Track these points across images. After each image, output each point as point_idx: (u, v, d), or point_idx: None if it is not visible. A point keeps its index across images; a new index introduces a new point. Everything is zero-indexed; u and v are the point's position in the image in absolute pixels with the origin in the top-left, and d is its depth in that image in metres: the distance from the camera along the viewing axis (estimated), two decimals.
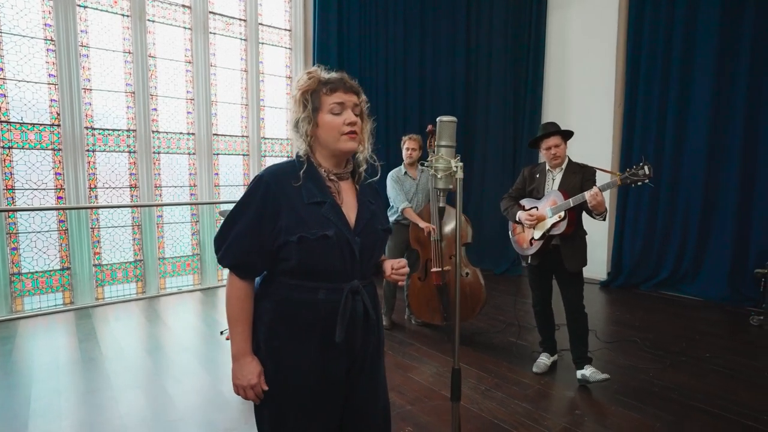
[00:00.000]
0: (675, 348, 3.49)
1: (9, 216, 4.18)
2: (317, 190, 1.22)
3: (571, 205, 2.66)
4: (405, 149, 3.79)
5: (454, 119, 1.46)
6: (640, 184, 2.57)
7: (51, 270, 4.43)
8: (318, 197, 1.21)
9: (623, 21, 5.42)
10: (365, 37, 5.77)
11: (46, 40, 4.28)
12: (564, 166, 2.88)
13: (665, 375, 3.01)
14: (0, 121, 4.11)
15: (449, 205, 3.57)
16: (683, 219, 5.04)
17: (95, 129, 4.60)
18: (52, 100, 4.34)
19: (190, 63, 5.12)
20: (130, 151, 4.80)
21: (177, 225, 5.20)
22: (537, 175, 2.97)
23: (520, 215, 2.89)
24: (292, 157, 1.31)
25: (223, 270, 5.36)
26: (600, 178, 2.87)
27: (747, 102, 4.54)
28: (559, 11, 6.03)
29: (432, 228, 3.56)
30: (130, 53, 4.73)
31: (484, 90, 6.57)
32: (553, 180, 2.89)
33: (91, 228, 4.60)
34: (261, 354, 1.25)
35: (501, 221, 5.12)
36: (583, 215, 2.79)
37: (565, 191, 2.74)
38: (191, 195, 5.24)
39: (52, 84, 4.32)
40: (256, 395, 1.24)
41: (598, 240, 5.36)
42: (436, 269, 3.61)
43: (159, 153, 4.99)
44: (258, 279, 1.29)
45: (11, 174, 4.19)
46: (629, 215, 5.43)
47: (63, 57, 4.29)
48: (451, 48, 6.50)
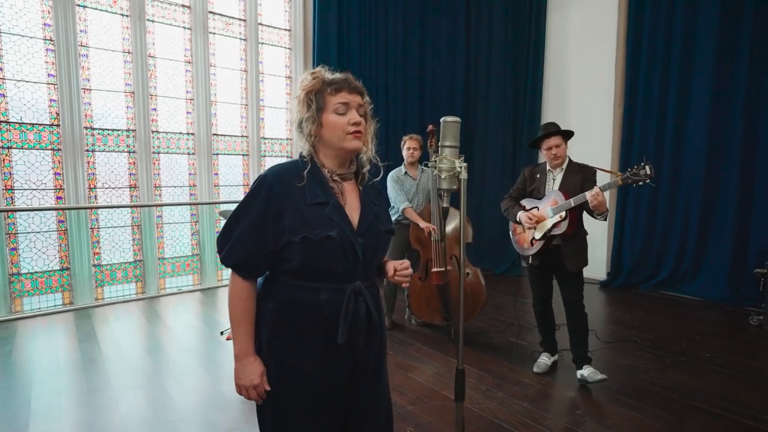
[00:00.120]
0: (675, 348, 3.50)
1: (8, 216, 4.17)
2: (320, 190, 1.22)
3: (572, 205, 2.67)
4: (406, 149, 3.79)
5: (458, 120, 1.46)
6: (641, 183, 2.57)
7: (50, 270, 4.42)
8: (321, 198, 1.21)
9: (623, 21, 5.42)
10: (365, 37, 5.77)
11: (45, 39, 4.27)
12: (564, 166, 2.88)
13: (665, 375, 3.01)
14: None
15: (451, 206, 3.57)
16: (683, 219, 5.05)
17: (95, 129, 4.60)
18: (51, 100, 4.33)
19: (189, 63, 5.11)
20: (129, 151, 4.80)
21: (177, 225, 5.20)
22: (537, 176, 2.97)
23: (520, 216, 2.90)
24: (292, 157, 1.31)
25: (223, 270, 5.37)
26: (600, 178, 2.87)
27: (746, 102, 4.55)
28: (559, 11, 6.03)
29: (432, 228, 3.56)
30: (129, 53, 4.72)
31: (483, 90, 6.57)
32: (554, 180, 2.89)
33: (91, 228, 4.60)
34: (263, 354, 1.24)
35: (501, 221, 5.13)
36: (584, 215, 2.79)
37: (566, 191, 2.75)
38: (191, 195, 5.23)
39: (51, 84, 4.31)
40: (258, 395, 1.24)
41: (597, 240, 5.37)
42: (436, 269, 3.61)
43: (158, 153, 4.99)
44: (260, 279, 1.29)
45: (10, 174, 4.19)
46: (629, 215, 5.44)
47: (62, 57, 4.28)
48: (451, 48, 6.50)
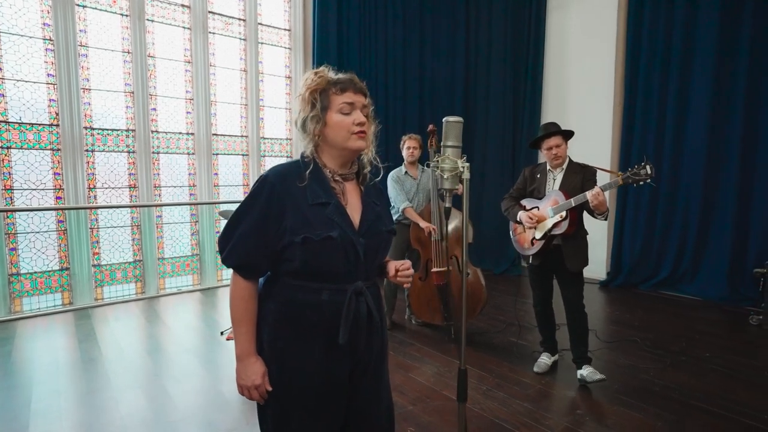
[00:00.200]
0: (675, 348, 3.50)
1: (8, 216, 4.17)
2: (322, 191, 1.22)
3: (573, 205, 2.67)
4: (406, 148, 3.79)
5: (460, 120, 1.45)
6: (641, 183, 2.58)
7: (50, 270, 4.41)
8: (323, 198, 1.21)
9: (622, 21, 5.43)
10: (365, 37, 5.76)
11: (44, 39, 4.26)
12: (565, 166, 2.89)
13: (665, 374, 3.02)
14: None
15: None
16: (682, 219, 5.05)
17: (94, 129, 4.59)
18: (50, 99, 4.32)
19: (189, 63, 5.10)
20: (129, 151, 4.79)
21: (176, 225, 5.19)
22: (538, 175, 2.97)
23: (520, 215, 2.90)
24: (291, 157, 1.31)
25: (223, 270, 5.36)
26: (601, 177, 2.87)
27: (746, 102, 4.55)
28: (559, 11, 6.04)
29: (432, 228, 3.56)
30: (129, 53, 4.71)
31: (483, 90, 6.57)
32: (554, 180, 2.89)
33: (90, 228, 4.59)
34: (265, 354, 1.24)
35: (500, 221, 5.12)
36: (585, 215, 2.79)
37: (566, 191, 2.75)
38: (190, 195, 5.23)
39: (50, 84, 4.30)
40: (260, 396, 1.24)
41: (597, 239, 5.37)
42: (436, 269, 3.61)
43: (158, 153, 4.98)
44: (261, 280, 1.29)
45: (10, 174, 4.18)
46: (629, 215, 5.44)
47: (62, 57, 4.28)
48: (451, 48, 6.50)
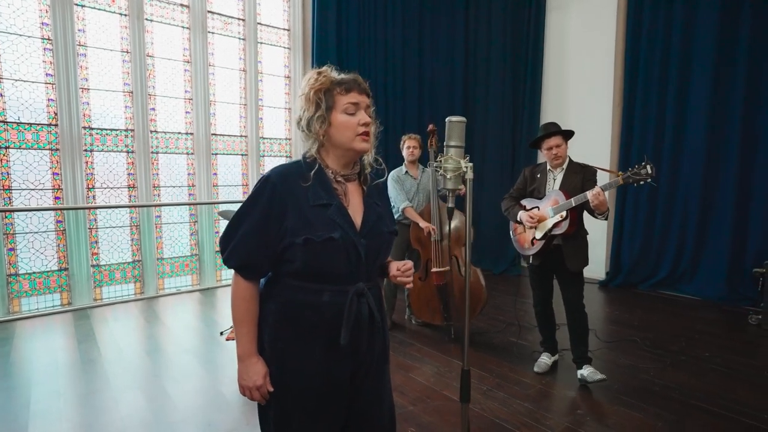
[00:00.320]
0: (674, 347, 3.50)
1: (6, 216, 4.15)
2: (324, 191, 1.21)
3: (573, 205, 2.67)
4: (406, 148, 3.78)
5: (463, 119, 1.45)
6: (642, 183, 2.58)
7: (49, 271, 4.40)
8: (324, 199, 1.20)
9: (622, 21, 5.43)
10: (364, 37, 5.75)
11: (43, 39, 4.25)
12: (565, 166, 2.89)
13: (665, 374, 3.02)
14: None
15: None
16: (681, 219, 5.06)
17: (93, 129, 4.57)
18: (49, 99, 4.31)
19: (188, 62, 5.09)
20: (128, 151, 4.78)
21: (175, 225, 5.18)
22: (538, 175, 2.97)
23: (521, 215, 2.90)
24: (291, 157, 1.30)
25: (222, 270, 5.36)
26: (601, 177, 2.87)
27: (745, 102, 4.56)
28: (558, 12, 6.04)
29: (432, 228, 3.56)
30: (128, 52, 4.70)
31: (482, 90, 6.57)
32: (554, 180, 2.89)
33: (89, 228, 4.58)
34: (266, 355, 1.24)
35: (499, 221, 5.13)
36: (585, 215, 2.79)
37: (567, 191, 2.75)
38: (190, 195, 5.22)
39: (49, 83, 4.29)
40: (261, 396, 1.23)
41: (596, 239, 5.37)
42: (436, 269, 3.61)
43: (157, 153, 4.97)
44: (262, 280, 1.28)
45: (8, 174, 4.16)
46: (628, 215, 5.45)
47: (60, 56, 4.26)
48: (450, 48, 6.50)
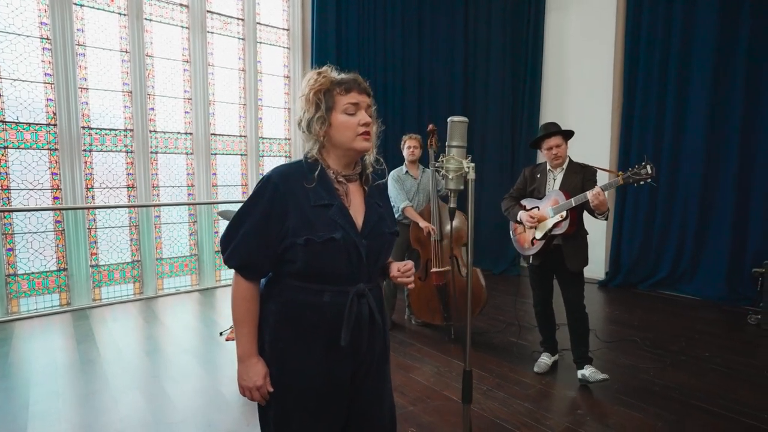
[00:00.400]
0: (674, 347, 3.51)
1: (5, 216, 4.14)
2: (325, 192, 1.21)
3: (573, 205, 2.67)
4: (407, 147, 3.78)
5: (465, 119, 1.44)
6: (642, 183, 2.58)
7: (47, 271, 4.39)
8: (325, 199, 1.20)
9: (621, 22, 5.43)
10: (363, 37, 5.75)
11: (42, 38, 4.24)
12: (565, 166, 2.88)
13: (665, 374, 3.02)
14: None
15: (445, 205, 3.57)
16: (681, 219, 5.06)
17: (92, 129, 4.57)
18: (48, 99, 4.30)
19: (187, 62, 5.09)
20: (127, 151, 4.77)
21: (174, 225, 5.17)
22: (538, 176, 2.97)
23: (521, 215, 2.89)
24: (290, 157, 1.30)
25: (221, 270, 5.35)
26: (601, 177, 2.87)
27: (744, 102, 4.56)
28: (557, 12, 6.04)
29: (432, 228, 3.56)
30: (127, 52, 4.69)
31: (482, 90, 6.57)
32: (554, 180, 2.89)
33: (88, 228, 4.57)
34: (266, 356, 1.24)
35: (498, 221, 5.13)
36: (585, 215, 2.79)
37: (567, 191, 2.75)
38: (189, 195, 5.21)
39: (48, 83, 4.28)
40: (261, 397, 1.23)
41: (596, 239, 5.37)
42: (436, 269, 3.61)
43: (156, 153, 4.96)
44: (263, 280, 1.28)
45: (7, 174, 4.16)
46: (627, 215, 5.45)
47: (59, 56, 4.25)
48: (450, 49, 6.50)
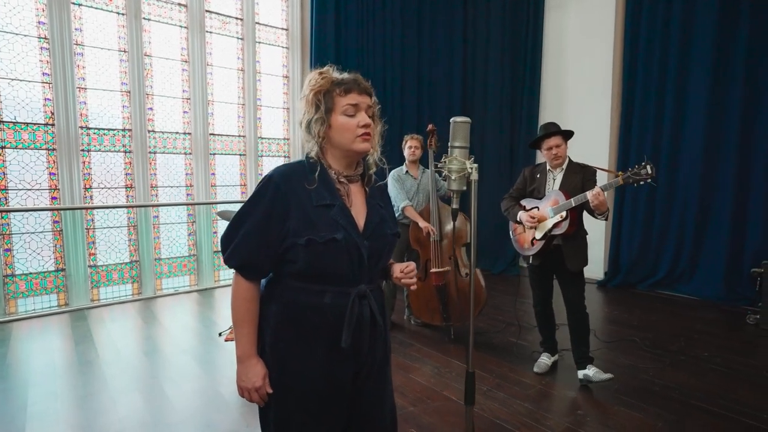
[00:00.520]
0: (673, 347, 3.51)
1: (2, 216, 4.13)
2: (327, 192, 1.21)
3: (573, 205, 2.67)
4: (408, 147, 3.78)
5: (468, 120, 1.44)
6: (642, 183, 2.58)
7: (45, 271, 4.37)
8: (327, 200, 1.19)
9: (620, 21, 5.43)
10: (363, 37, 5.74)
11: (39, 38, 4.22)
12: (565, 166, 2.88)
13: (665, 374, 3.02)
14: None
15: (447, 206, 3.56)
16: (680, 219, 5.07)
17: (90, 128, 4.55)
18: (46, 99, 4.28)
19: (186, 62, 5.07)
20: (125, 151, 4.75)
21: (173, 225, 5.16)
22: (538, 176, 2.97)
23: (521, 215, 2.89)
24: (289, 157, 1.29)
25: (220, 271, 5.34)
26: (601, 177, 2.87)
27: (743, 102, 4.57)
28: (557, 11, 6.04)
29: (431, 229, 3.55)
30: (125, 52, 4.68)
31: (481, 90, 6.56)
32: (554, 180, 2.89)
33: (86, 229, 4.55)
34: (267, 357, 1.23)
35: (498, 221, 5.12)
36: (585, 215, 2.79)
37: (567, 191, 2.75)
38: (187, 195, 5.19)
39: (46, 83, 4.26)
40: (260, 398, 1.22)
41: (595, 239, 5.34)
42: (435, 269, 3.60)
43: (155, 153, 4.94)
44: (264, 281, 1.27)
45: (4, 174, 4.14)
46: (626, 215, 5.45)
47: (57, 55, 4.23)
48: (449, 48, 6.49)
